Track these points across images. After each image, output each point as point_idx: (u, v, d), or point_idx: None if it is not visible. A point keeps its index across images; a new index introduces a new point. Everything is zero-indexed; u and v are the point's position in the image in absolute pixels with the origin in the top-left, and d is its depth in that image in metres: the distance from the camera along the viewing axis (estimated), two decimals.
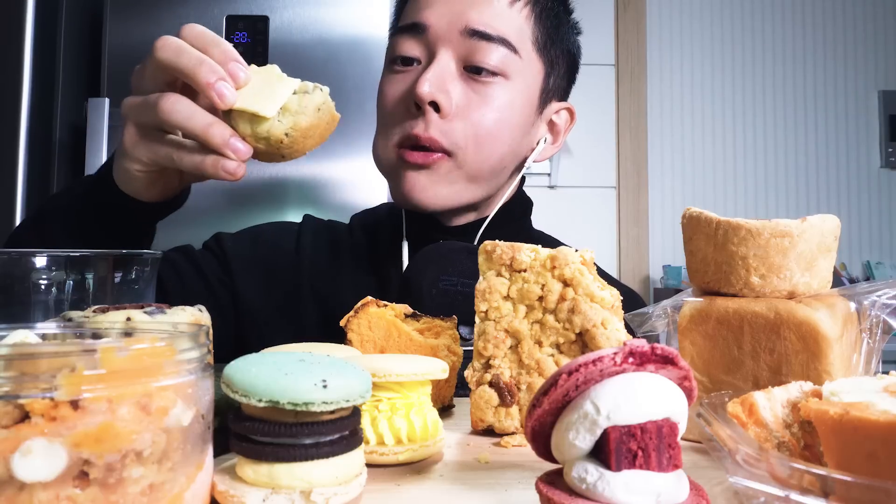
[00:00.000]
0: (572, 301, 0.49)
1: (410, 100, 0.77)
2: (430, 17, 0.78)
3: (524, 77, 0.81)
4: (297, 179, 1.66)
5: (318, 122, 0.56)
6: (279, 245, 0.91)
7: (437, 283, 0.73)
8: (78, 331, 0.36)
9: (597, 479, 0.29)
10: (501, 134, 0.80)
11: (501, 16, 0.78)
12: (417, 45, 0.79)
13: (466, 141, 0.78)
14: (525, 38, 0.80)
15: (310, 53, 1.68)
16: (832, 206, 2.51)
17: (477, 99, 0.78)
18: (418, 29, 0.79)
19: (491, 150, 0.80)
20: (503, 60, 0.78)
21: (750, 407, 0.37)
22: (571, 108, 0.90)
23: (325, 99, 0.55)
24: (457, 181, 0.80)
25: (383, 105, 0.82)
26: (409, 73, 0.80)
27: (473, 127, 0.78)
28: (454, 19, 0.77)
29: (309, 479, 0.31)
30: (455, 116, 0.77)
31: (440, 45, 0.78)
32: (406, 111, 0.79)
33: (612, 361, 0.30)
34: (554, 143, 0.90)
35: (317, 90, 0.55)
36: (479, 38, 0.77)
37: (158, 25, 1.65)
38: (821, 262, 0.47)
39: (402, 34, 0.80)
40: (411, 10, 0.81)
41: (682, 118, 2.53)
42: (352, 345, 0.57)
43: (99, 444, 0.25)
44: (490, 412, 0.50)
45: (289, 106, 0.54)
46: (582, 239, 2.38)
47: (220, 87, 0.52)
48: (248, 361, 0.33)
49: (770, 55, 2.56)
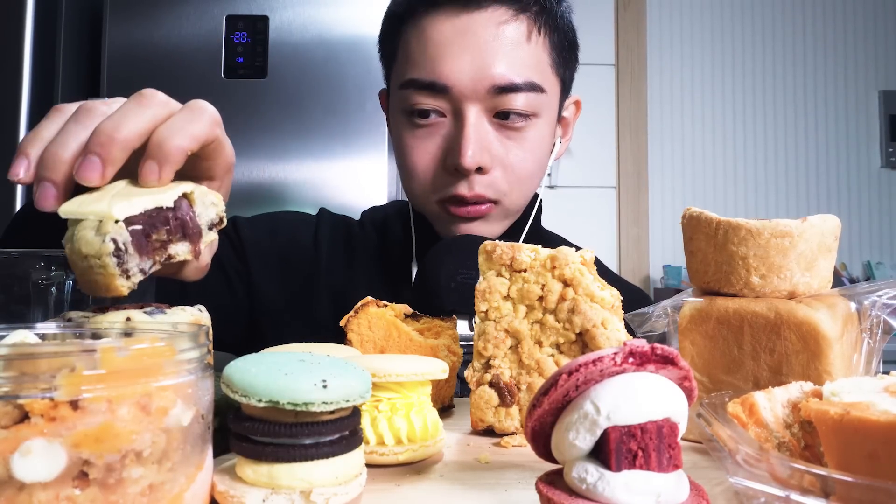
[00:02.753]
0: (572, 301, 0.49)
1: (451, 164, 0.75)
2: (449, 74, 0.73)
3: (549, 108, 0.80)
4: (297, 180, 1.66)
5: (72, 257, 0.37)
6: (297, 237, 0.90)
7: (456, 276, 0.73)
8: (78, 331, 0.36)
9: (597, 480, 0.29)
10: (539, 168, 0.81)
11: (522, 57, 0.75)
12: (437, 100, 0.75)
13: (510, 186, 0.78)
14: (545, 67, 0.78)
15: (310, 53, 1.68)
16: (832, 206, 2.51)
17: (512, 145, 0.77)
18: (437, 88, 0.74)
19: (531, 184, 0.82)
20: (531, 103, 0.76)
21: (750, 407, 0.37)
22: (578, 100, 0.90)
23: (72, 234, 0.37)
24: (508, 219, 0.82)
25: (413, 163, 0.79)
26: (434, 129, 0.77)
27: (514, 172, 0.78)
28: (478, 76, 0.73)
29: (309, 479, 0.31)
30: (494, 168, 0.77)
31: (466, 103, 0.74)
32: (444, 173, 0.77)
33: (612, 361, 0.30)
34: (564, 136, 0.91)
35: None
36: (507, 92, 0.74)
37: (158, 25, 1.65)
38: (821, 262, 0.47)
39: (417, 90, 0.76)
40: (422, 63, 0.75)
41: (682, 118, 2.53)
42: (352, 345, 0.57)
43: (99, 444, 0.25)
44: (490, 412, 0.50)
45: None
46: (582, 239, 2.37)
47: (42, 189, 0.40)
48: (248, 361, 0.33)
49: (770, 55, 2.56)
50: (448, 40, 0.74)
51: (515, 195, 0.80)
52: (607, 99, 2.48)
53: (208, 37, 1.66)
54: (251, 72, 1.66)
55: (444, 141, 0.76)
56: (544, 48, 0.78)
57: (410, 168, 0.79)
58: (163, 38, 1.65)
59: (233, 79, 1.65)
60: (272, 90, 1.66)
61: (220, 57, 1.65)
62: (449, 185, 0.77)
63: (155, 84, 0.46)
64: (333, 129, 1.67)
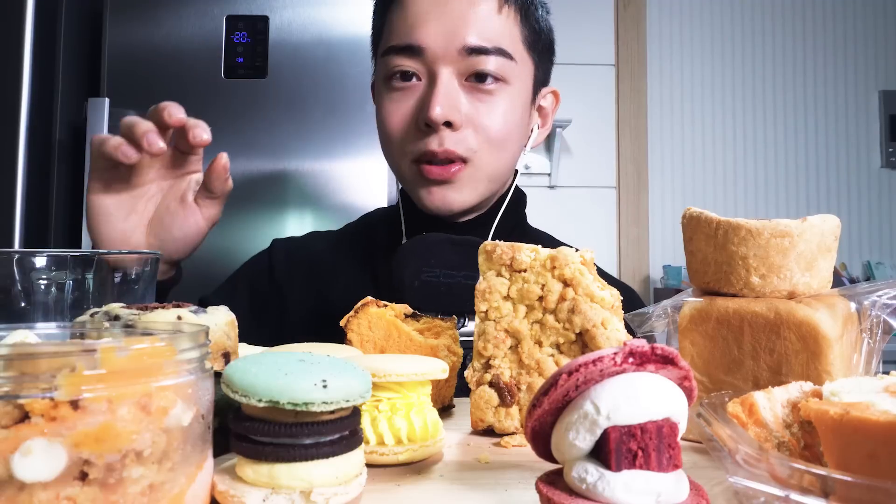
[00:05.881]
0: (572, 301, 0.49)
1: (422, 120, 0.79)
2: (424, 38, 0.79)
3: (521, 79, 0.84)
4: (296, 178, 1.66)
5: None
6: (256, 287, 0.94)
7: (420, 274, 0.75)
8: (79, 331, 0.36)
9: (597, 479, 0.29)
10: (510, 135, 0.83)
11: (493, 26, 0.80)
12: (414, 63, 0.80)
13: (479, 145, 0.81)
14: (516, 40, 0.83)
15: (310, 53, 1.68)
16: (832, 206, 2.51)
17: (483, 107, 0.81)
18: (413, 50, 0.79)
19: (503, 151, 0.83)
20: (501, 68, 0.80)
21: (750, 407, 0.37)
22: (556, 91, 0.93)
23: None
24: (479, 184, 0.84)
25: (389, 124, 0.83)
26: (410, 91, 0.81)
27: (484, 132, 0.81)
28: (449, 38, 0.78)
29: (309, 479, 0.31)
30: (465, 126, 0.80)
31: (439, 63, 0.79)
32: (416, 129, 0.81)
33: (612, 361, 0.30)
34: (542, 126, 0.94)
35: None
36: (477, 54, 0.79)
37: (158, 25, 1.65)
38: (821, 262, 0.47)
39: (396, 54, 0.81)
40: (401, 30, 0.81)
41: (682, 118, 2.53)
42: (352, 345, 0.57)
43: (99, 444, 0.25)
44: (490, 412, 0.50)
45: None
46: (582, 239, 2.38)
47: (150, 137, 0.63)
48: (248, 361, 0.33)
49: (770, 55, 2.56)
50: (425, 11, 0.80)
51: (486, 157, 0.82)
52: (607, 99, 2.48)
53: (208, 37, 1.66)
54: (251, 72, 1.66)
55: (418, 101, 0.81)
56: (515, 23, 0.83)
57: (387, 129, 0.84)
58: (163, 39, 1.65)
59: (233, 79, 1.65)
60: (272, 90, 1.66)
61: (220, 57, 1.65)
62: (420, 141, 0.80)
63: (155, 84, 0.46)
64: (333, 128, 1.67)
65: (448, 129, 0.79)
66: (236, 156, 1.62)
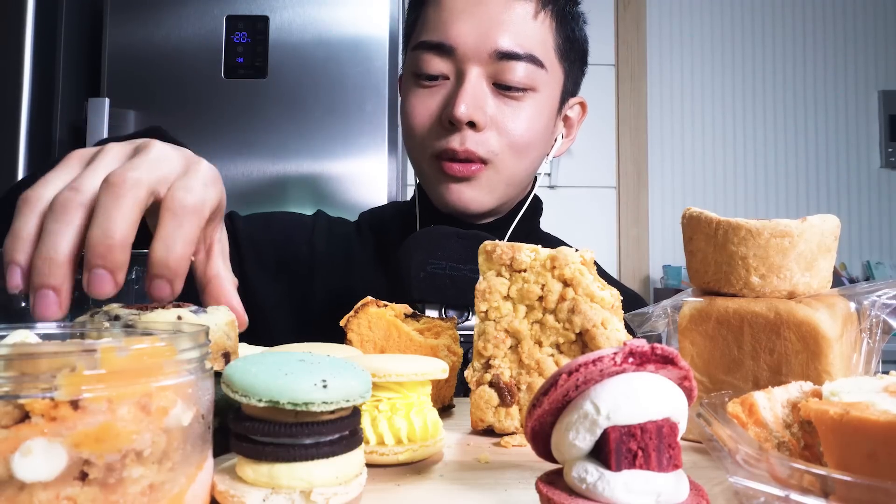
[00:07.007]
0: (572, 301, 0.49)
1: (446, 118, 0.79)
2: (457, 37, 0.78)
3: (549, 86, 0.83)
4: (296, 178, 1.66)
5: None
6: (291, 236, 0.92)
7: (425, 266, 0.75)
8: (79, 331, 0.36)
9: (597, 479, 0.29)
10: (533, 141, 0.83)
11: (527, 31, 0.79)
12: (444, 62, 0.80)
13: (501, 149, 0.81)
14: (549, 48, 0.82)
15: (310, 53, 1.68)
16: (832, 206, 2.51)
17: (509, 112, 0.80)
18: (444, 49, 0.79)
19: (524, 157, 0.83)
20: (531, 76, 0.80)
21: (750, 407, 0.37)
22: (584, 102, 0.93)
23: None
24: (497, 187, 0.83)
25: (413, 119, 0.83)
26: (437, 89, 0.81)
27: (508, 137, 0.81)
28: (481, 40, 0.78)
29: (309, 479, 0.31)
30: (489, 127, 0.80)
31: (469, 64, 0.79)
32: (440, 127, 0.81)
33: (612, 361, 0.30)
34: (567, 136, 0.93)
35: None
36: (508, 59, 0.78)
37: (159, 25, 1.65)
38: (821, 262, 0.47)
39: (426, 51, 0.80)
40: (434, 27, 0.80)
41: (682, 118, 2.53)
42: (352, 345, 0.57)
43: (99, 444, 0.25)
44: (490, 412, 0.50)
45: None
46: (582, 239, 2.38)
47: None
48: (248, 361, 0.33)
49: (770, 55, 2.56)
50: (460, 9, 0.79)
51: (507, 161, 0.81)
52: (607, 99, 2.48)
53: (208, 37, 1.66)
54: (251, 72, 1.66)
55: (444, 99, 0.81)
56: (550, 30, 0.82)
57: (410, 124, 0.83)
58: (163, 39, 1.65)
59: (233, 79, 1.65)
60: (272, 90, 1.66)
61: (220, 57, 1.65)
62: (442, 138, 0.80)
63: (155, 84, 0.45)
64: (333, 129, 1.67)
65: (471, 129, 0.79)
66: (236, 156, 1.62)
